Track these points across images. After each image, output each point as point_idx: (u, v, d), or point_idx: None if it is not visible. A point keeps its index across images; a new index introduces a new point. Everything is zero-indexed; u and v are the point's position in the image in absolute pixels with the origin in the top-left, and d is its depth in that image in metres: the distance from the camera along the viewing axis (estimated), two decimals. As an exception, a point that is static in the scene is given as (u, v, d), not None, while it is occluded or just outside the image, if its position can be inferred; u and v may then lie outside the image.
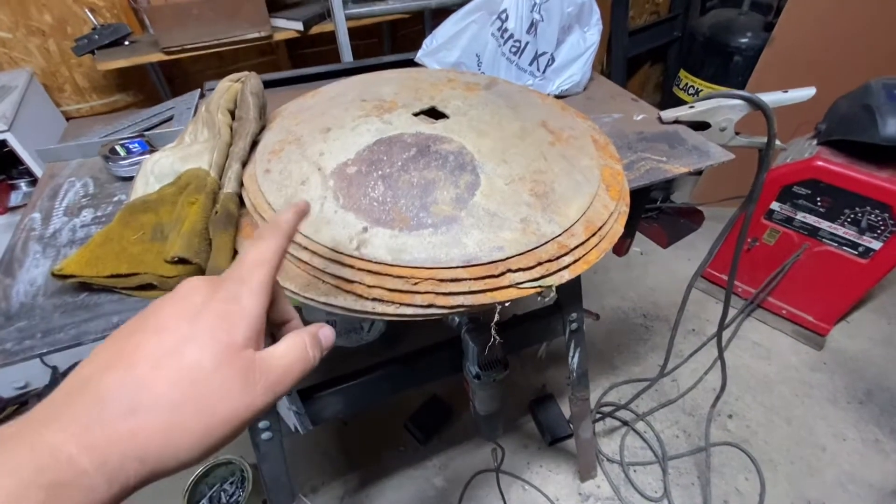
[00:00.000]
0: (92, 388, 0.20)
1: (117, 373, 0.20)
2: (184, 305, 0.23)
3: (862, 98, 1.16)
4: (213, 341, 0.22)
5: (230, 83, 0.53)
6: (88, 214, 0.54)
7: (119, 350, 0.21)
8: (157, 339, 0.21)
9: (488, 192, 0.43)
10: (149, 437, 0.19)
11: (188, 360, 0.21)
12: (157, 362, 0.20)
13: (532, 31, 0.71)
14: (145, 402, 0.19)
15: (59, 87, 1.55)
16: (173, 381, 0.20)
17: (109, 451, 0.18)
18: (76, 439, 0.18)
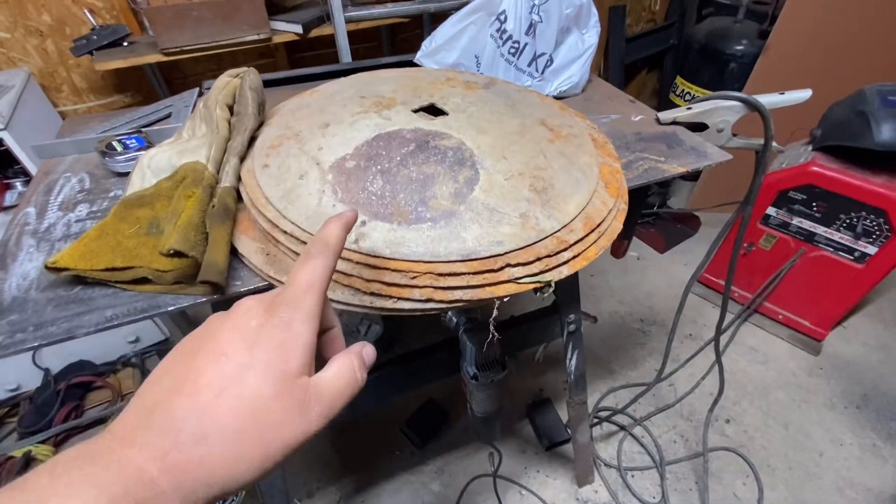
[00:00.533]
0: (164, 412, 0.21)
1: (184, 399, 0.21)
2: (241, 330, 0.24)
3: (856, 104, 1.17)
4: (270, 370, 0.23)
5: (229, 78, 0.53)
6: (84, 209, 0.53)
7: (183, 373, 0.22)
8: (218, 367, 0.22)
9: (487, 187, 0.43)
10: (215, 464, 0.20)
11: (248, 390, 0.22)
12: (219, 391, 0.22)
13: (531, 32, 0.71)
14: (212, 430, 0.21)
15: (57, 88, 1.55)
16: (235, 410, 0.21)
17: (184, 476, 0.20)
18: (157, 462, 0.19)
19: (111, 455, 0.19)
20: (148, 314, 0.41)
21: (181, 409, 0.21)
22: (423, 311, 0.39)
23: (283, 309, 0.25)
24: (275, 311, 0.25)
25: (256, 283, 0.43)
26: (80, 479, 0.18)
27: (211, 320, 0.25)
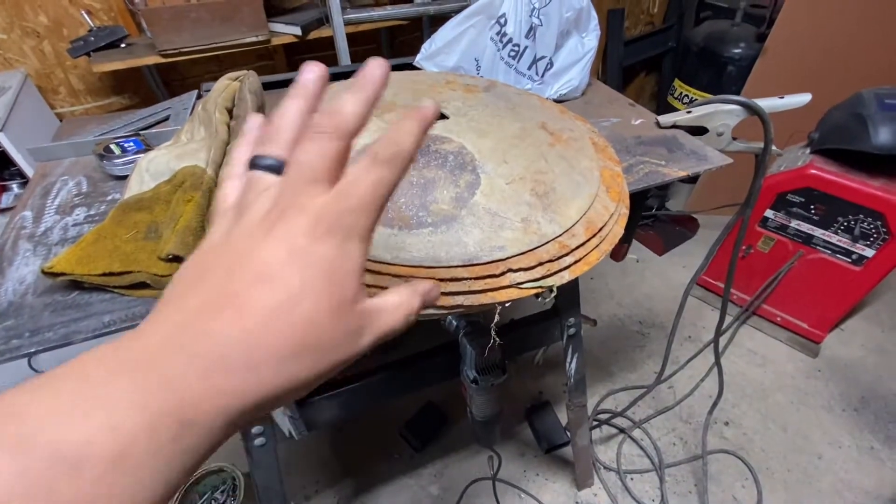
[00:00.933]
0: (201, 332, 0.19)
1: (227, 324, 0.19)
2: (286, 248, 0.21)
3: (854, 107, 1.18)
4: (327, 297, 0.21)
5: (228, 81, 0.52)
6: (81, 213, 0.53)
7: (217, 295, 0.20)
8: (265, 291, 0.20)
9: (489, 191, 0.43)
10: (268, 385, 0.20)
11: (302, 317, 0.20)
12: (268, 317, 0.20)
13: (531, 35, 0.71)
14: (263, 357, 0.20)
15: (54, 89, 1.54)
16: (287, 337, 0.20)
17: (231, 401, 0.19)
18: (201, 383, 0.18)
19: (146, 371, 0.18)
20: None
21: (222, 334, 0.19)
22: (424, 317, 0.38)
23: (337, 226, 0.21)
24: (326, 225, 0.21)
25: (256, 287, 0.42)
26: (115, 389, 0.17)
27: (241, 225, 0.22)
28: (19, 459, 0.14)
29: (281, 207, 0.21)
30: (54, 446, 0.15)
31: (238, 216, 0.23)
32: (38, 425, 0.15)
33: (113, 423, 0.16)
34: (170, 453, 0.17)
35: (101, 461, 0.15)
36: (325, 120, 0.22)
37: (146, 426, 0.17)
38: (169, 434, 0.17)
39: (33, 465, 0.15)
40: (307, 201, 0.21)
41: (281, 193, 0.22)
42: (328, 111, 0.23)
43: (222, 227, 0.23)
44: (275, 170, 0.23)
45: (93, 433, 0.16)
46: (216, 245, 0.22)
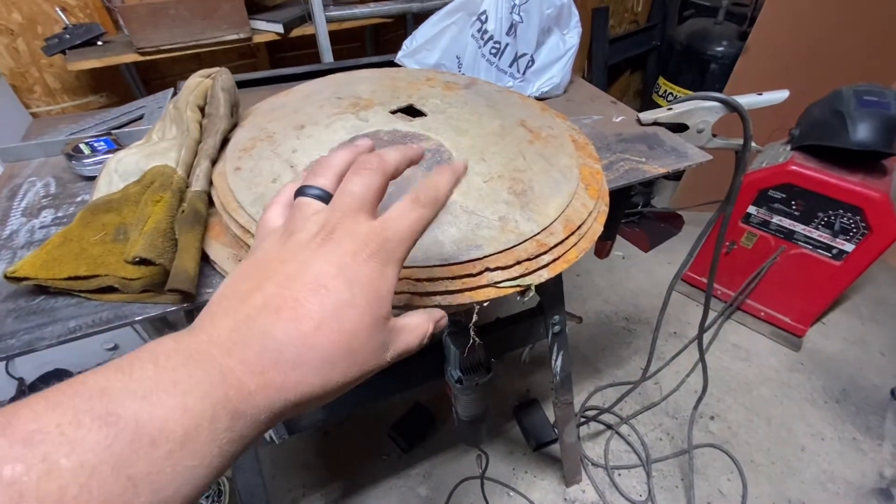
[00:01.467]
0: (262, 331, 0.22)
1: (283, 324, 0.22)
2: (337, 263, 0.24)
3: (833, 104, 1.20)
4: (368, 311, 0.24)
5: (200, 79, 0.51)
6: (49, 215, 0.51)
7: (278, 295, 0.23)
8: (318, 298, 0.23)
9: (466, 189, 0.42)
10: (305, 387, 0.22)
11: (348, 326, 0.23)
12: (320, 322, 0.22)
13: (512, 32, 0.71)
14: (310, 358, 0.22)
15: (29, 89, 1.50)
16: (334, 342, 0.23)
17: (278, 395, 0.21)
18: (255, 378, 0.21)
19: (213, 361, 0.20)
20: (113, 325, 0.39)
21: (281, 333, 0.22)
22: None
23: (380, 252, 0.25)
24: (371, 249, 0.25)
25: (229, 290, 0.41)
26: (185, 377, 0.19)
27: (294, 241, 0.25)
28: (106, 431, 0.16)
29: (330, 228, 0.25)
30: (137, 423, 0.17)
31: (289, 234, 0.26)
32: (121, 403, 0.17)
33: (185, 407, 0.18)
34: (223, 440, 0.19)
35: (173, 440, 0.17)
36: (372, 159, 0.27)
37: (209, 414, 0.19)
38: (224, 423, 0.19)
39: (118, 437, 0.16)
40: (354, 226, 0.25)
41: (330, 217, 0.25)
42: (375, 154, 0.28)
43: (273, 243, 0.26)
44: (321, 198, 0.27)
45: (169, 414, 0.18)
46: (272, 256, 0.25)
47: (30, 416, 0.16)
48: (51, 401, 0.17)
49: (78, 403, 0.17)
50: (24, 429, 0.16)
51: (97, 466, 0.16)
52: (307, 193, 0.28)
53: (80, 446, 0.16)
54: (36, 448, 0.15)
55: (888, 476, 1.21)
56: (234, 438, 0.20)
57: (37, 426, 0.16)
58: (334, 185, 0.28)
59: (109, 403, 0.17)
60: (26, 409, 0.16)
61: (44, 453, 0.15)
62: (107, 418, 0.17)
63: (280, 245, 0.26)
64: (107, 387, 0.18)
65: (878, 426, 1.32)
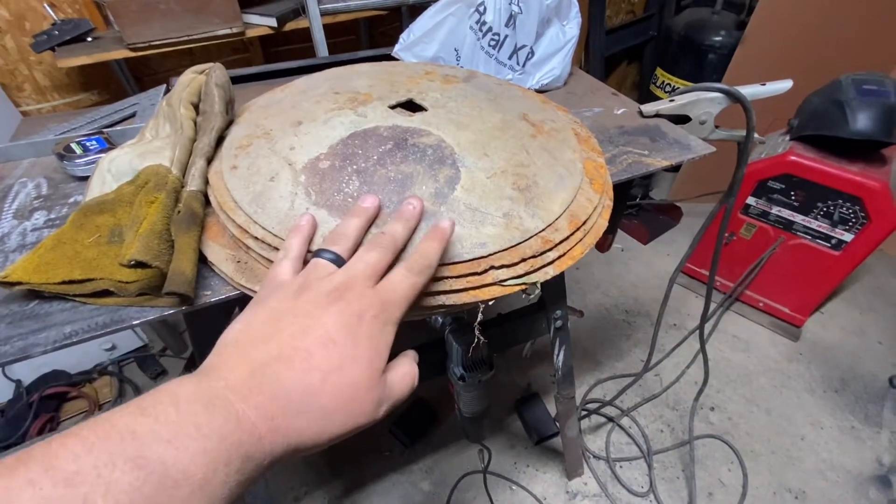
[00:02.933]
0: (274, 380, 0.24)
1: (294, 374, 0.24)
2: (345, 320, 0.27)
3: (832, 94, 1.19)
4: (368, 366, 0.27)
5: (194, 75, 0.50)
6: (41, 217, 0.50)
7: (292, 347, 0.25)
8: (327, 352, 0.25)
9: (469, 186, 0.41)
10: (307, 434, 0.24)
11: (349, 380, 0.26)
12: (326, 375, 0.25)
13: (511, 23, 0.70)
14: (313, 407, 0.24)
15: (18, 86, 1.48)
16: (336, 394, 0.25)
17: (283, 440, 0.23)
18: (266, 423, 0.22)
19: (230, 406, 0.22)
20: (110, 329, 0.38)
21: (291, 382, 0.24)
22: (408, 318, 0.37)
23: (382, 314, 0.28)
24: (374, 311, 0.28)
25: (228, 292, 0.40)
26: (206, 422, 0.20)
27: (309, 297, 0.28)
28: (137, 474, 0.18)
29: (342, 290, 0.28)
30: (164, 466, 0.18)
31: (303, 290, 0.29)
32: (150, 447, 0.19)
33: (205, 450, 0.20)
34: (233, 482, 0.21)
35: (194, 483, 0.19)
36: (385, 240, 0.32)
37: (224, 457, 0.20)
38: (236, 465, 0.21)
39: (148, 480, 0.18)
40: (363, 291, 0.28)
41: (344, 280, 0.29)
42: (388, 233, 0.33)
43: (286, 295, 0.29)
44: (335, 262, 0.31)
45: (191, 458, 0.19)
46: (286, 308, 0.28)
47: (70, 458, 0.17)
48: (87, 443, 0.18)
49: (111, 446, 0.18)
50: (66, 469, 0.17)
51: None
52: (323, 256, 0.31)
53: (115, 487, 0.17)
54: (77, 489, 0.17)
55: (886, 463, 1.22)
56: (241, 480, 0.21)
57: (76, 468, 0.17)
58: (348, 253, 0.32)
59: (140, 447, 0.18)
60: (65, 451, 0.18)
61: (84, 494, 0.17)
62: (137, 461, 0.18)
63: (293, 298, 0.28)
64: (135, 430, 0.19)
65: (876, 414, 1.33)
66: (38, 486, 0.16)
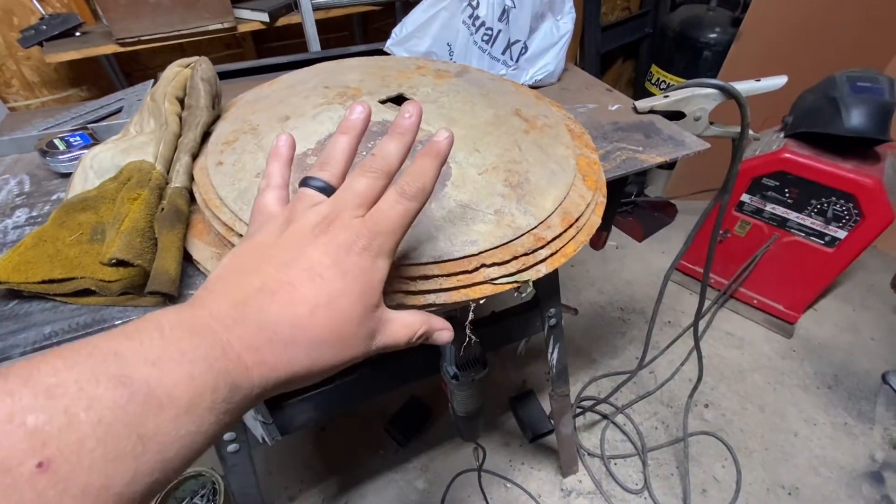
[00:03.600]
0: (258, 312, 0.23)
1: (278, 307, 0.24)
2: (333, 254, 0.25)
3: (826, 90, 1.19)
4: (360, 301, 0.26)
5: (179, 69, 0.49)
6: (23, 215, 0.49)
7: (276, 280, 0.24)
8: (314, 286, 0.25)
9: (460, 182, 0.40)
10: (296, 366, 0.24)
11: (339, 313, 0.25)
12: (313, 307, 0.24)
13: (504, 18, 0.69)
14: (302, 339, 0.24)
15: (6, 82, 1.45)
16: (325, 326, 0.24)
17: (271, 372, 0.23)
18: (252, 355, 0.22)
19: (215, 335, 0.21)
20: (91, 329, 0.37)
21: (275, 315, 0.23)
22: (394, 317, 0.36)
23: (372, 245, 0.26)
24: (363, 242, 0.26)
25: (213, 291, 0.39)
26: (191, 348, 0.20)
27: (294, 229, 0.27)
28: (122, 391, 0.17)
29: (328, 221, 0.27)
30: (148, 386, 0.18)
31: (288, 221, 0.27)
32: (134, 367, 0.18)
33: (191, 375, 0.19)
34: (220, 410, 0.20)
35: (179, 405, 0.19)
36: (377, 163, 0.29)
37: (211, 384, 0.20)
38: (223, 394, 0.20)
39: (132, 398, 0.17)
40: (350, 221, 0.27)
41: (331, 210, 0.27)
42: (379, 155, 0.29)
43: (272, 228, 0.27)
44: (324, 191, 0.29)
45: (176, 381, 0.19)
46: (270, 241, 0.27)
47: (50, 371, 0.17)
48: (68, 359, 0.17)
49: (94, 364, 0.18)
50: (46, 382, 0.16)
51: (112, 423, 0.17)
52: (311, 185, 0.29)
53: (97, 403, 0.17)
54: (57, 401, 0.16)
55: (879, 459, 1.22)
56: (229, 409, 0.21)
57: (56, 380, 0.17)
58: (337, 180, 0.30)
59: (124, 366, 0.18)
60: (45, 365, 0.17)
61: (65, 406, 0.16)
62: (122, 379, 0.18)
63: (279, 231, 0.27)
64: (119, 351, 0.19)
65: (869, 411, 1.34)
66: (16, 395, 0.16)
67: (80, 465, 0.16)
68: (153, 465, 0.18)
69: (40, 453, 0.15)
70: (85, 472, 0.16)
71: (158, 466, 0.18)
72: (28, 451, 0.15)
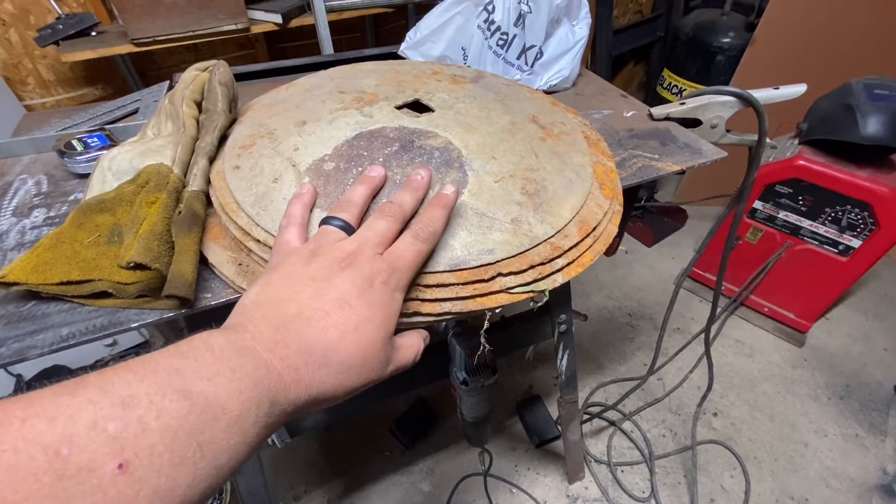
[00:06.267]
0: (296, 335, 0.26)
1: (314, 331, 0.26)
2: (359, 286, 0.28)
3: (842, 97, 1.17)
4: (382, 329, 0.29)
5: (197, 72, 0.49)
6: (40, 215, 0.49)
7: (310, 307, 0.27)
8: (343, 314, 0.27)
9: (477, 190, 0.40)
10: (326, 386, 0.26)
11: (365, 339, 0.28)
12: (343, 333, 0.27)
13: (520, 23, 0.68)
14: (333, 361, 0.26)
15: (22, 81, 1.47)
16: (352, 351, 0.27)
17: (305, 391, 0.25)
18: (291, 374, 0.24)
19: (259, 356, 0.24)
20: (109, 332, 0.38)
21: (312, 338, 0.26)
22: (409, 326, 0.36)
23: (391, 280, 0.30)
24: (383, 278, 0.30)
25: (228, 295, 0.40)
26: (239, 366, 0.22)
27: (322, 262, 0.29)
28: (184, 403, 0.19)
29: (353, 256, 0.30)
30: (206, 399, 0.20)
31: (314, 254, 0.30)
32: (193, 382, 0.20)
33: (240, 391, 0.21)
34: (262, 424, 0.22)
35: (231, 417, 0.21)
36: (394, 209, 0.34)
37: (256, 399, 0.22)
38: (265, 408, 0.22)
39: (193, 410, 0.20)
40: (373, 258, 0.30)
41: (355, 247, 0.30)
42: (396, 202, 0.34)
43: (299, 260, 0.30)
44: (344, 229, 0.33)
45: (229, 396, 0.21)
46: (300, 272, 0.29)
47: (124, 385, 0.19)
48: (137, 373, 0.20)
49: (159, 379, 0.20)
50: (121, 393, 0.18)
51: (177, 431, 0.19)
52: (332, 224, 0.33)
53: (165, 413, 0.19)
54: (132, 410, 0.18)
55: (891, 472, 1.20)
56: (269, 423, 0.23)
57: (130, 393, 0.19)
58: (355, 220, 0.34)
59: (184, 381, 0.20)
60: (118, 378, 0.19)
61: (139, 416, 0.18)
62: (184, 392, 0.20)
63: (305, 263, 0.30)
64: (179, 368, 0.21)
65: (881, 422, 1.31)
66: (97, 405, 0.18)
67: (151, 467, 0.18)
68: (209, 471, 0.20)
69: (120, 456, 0.17)
70: (155, 475, 0.18)
71: (213, 473, 0.20)
72: (109, 455, 0.17)
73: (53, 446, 0.16)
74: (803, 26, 1.51)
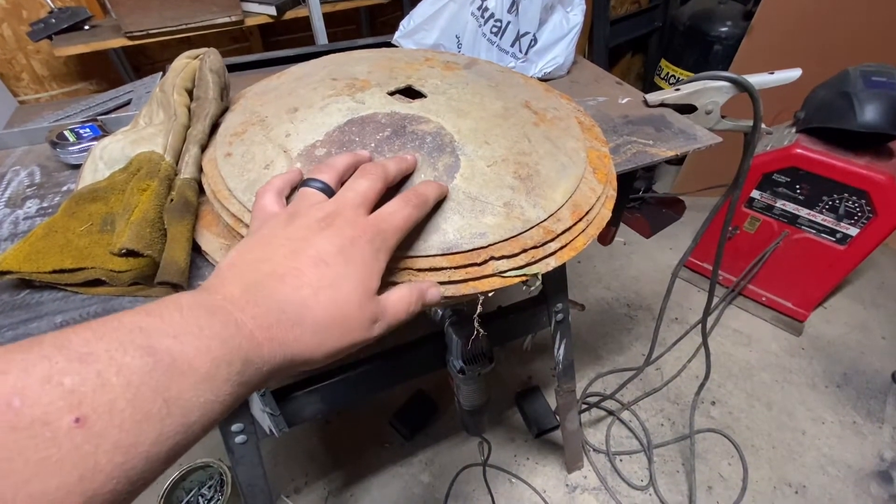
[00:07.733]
0: (267, 294, 0.25)
1: (286, 289, 0.25)
2: (337, 243, 0.28)
3: (840, 85, 1.17)
4: (361, 285, 0.28)
5: (187, 60, 0.49)
6: (33, 205, 0.49)
7: (283, 265, 0.26)
8: (318, 271, 0.26)
9: (469, 174, 0.40)
10: (302, 346, 0.25)
11: (341, 296, 0.27)
12: (317, 290, 0.26)
13: (513, 10, 0.68)
14: (307, 319, 0.25)
15: (16, 76, 1.46)
16: (328, 309, 0.26)
17: (279, 350, 0.24)
18: (263, 332, 0.24)
19: (230, 315, 0.23)
20: (102, 319, 0.37)
21: (283, 296, 0.25)
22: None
23: (375, 240, 0.29)
24: (367, 237, 0.29)
25: (222, 282, 0.40)
26: (208, 325, 0.22)
27: (300, 223, 0.29)
28: (147, 360, 0.19)
29: (332, 217, 0.29)
30: (171, 356, 0.20)
31: (292, 216, 0.29)
32: (158, 339, 0.20)
33: (208, 349, 0.21)
34: (235, 382, 0.22)
35: (199, 375, 0.20)
36: (376, 168, 0.33)
37: (226, 357, 0.21)
38: (237, 367, 0.22)
39: (157, 366, 0.19)
40: (355, 218, 0.29)
41: (334, 207, 0.30)
42: (378, 164, 0.34)
43: (277, 223, 0.29)
44: (323, 191, 0.32)
45: (195, 353, 0.20)
46: (277, 233, 0.29)
47: (81, 342, 0.18)
48: (97, 331, 0.19)
49: (121, 336, 0.19)
50: (79, 350, 0.18)
51: (140, 387, 0.18)
52: (311, 185, 0.32)
53: (126, 368, 0.18)
54: (91, 366, 0.18)
55: (888, 459, 1.21)
56: (242, 381, 0.22)
57: (88, 350, 0.18)
58: (335, 183, 0.33)
59: (148, 338, 0.20)
60: (76, 337, 0.18)
61: (98, 370, 0.18)
62: (147, 349, 0.19)
63: (283, 225, 0.29)
64: (143, 325, 0.20)
65: (878, 410, 1.32)
66: (52, 359, 0.17)
67: (111, 422, 0.17)
68: (176, 428, 0.19)
69: (77, 410, 0.17)
70: (116, 430, 0.17)
71: (181, 430, 0.20)
72: (65, 408, 0.17)
73: (4, 398, 0.16)
74: (801, 14, 1.50)
